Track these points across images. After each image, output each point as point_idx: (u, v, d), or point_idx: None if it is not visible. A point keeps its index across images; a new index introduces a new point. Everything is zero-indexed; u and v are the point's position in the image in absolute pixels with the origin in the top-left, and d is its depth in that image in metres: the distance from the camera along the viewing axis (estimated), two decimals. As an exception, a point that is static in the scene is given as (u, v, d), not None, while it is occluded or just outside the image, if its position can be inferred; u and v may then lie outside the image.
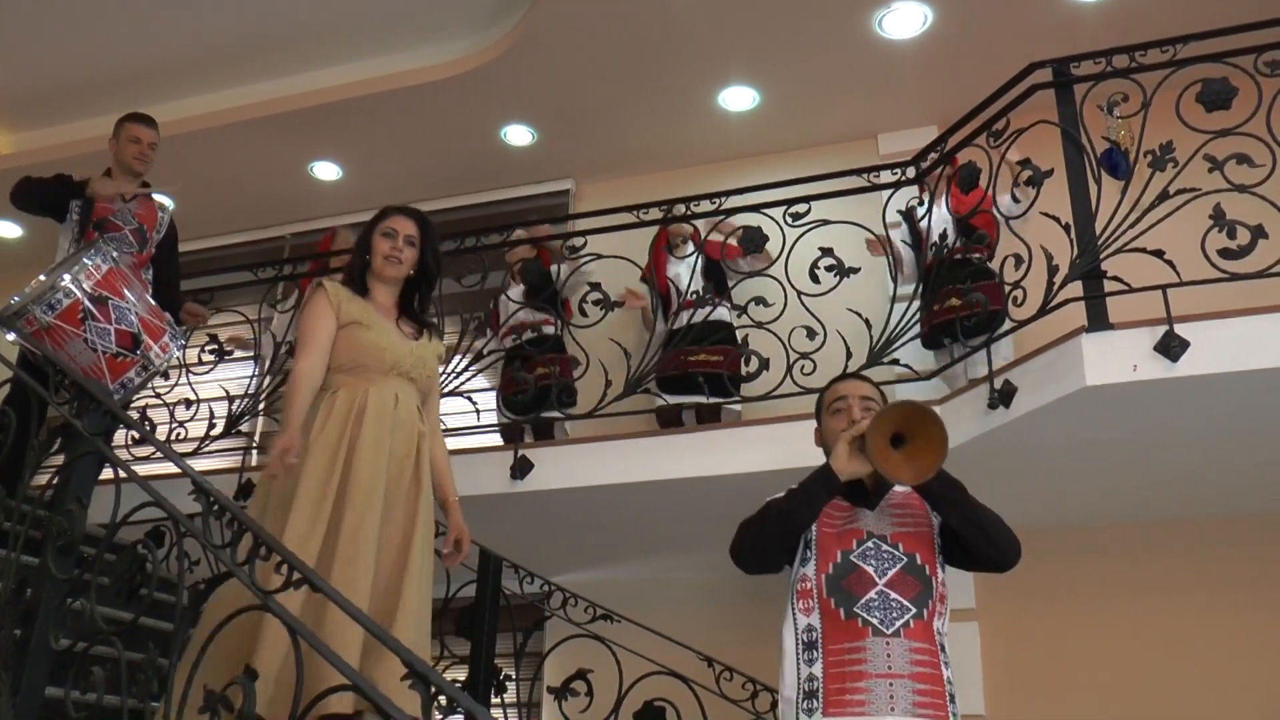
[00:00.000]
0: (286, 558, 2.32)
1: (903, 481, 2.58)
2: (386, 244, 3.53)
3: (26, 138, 8.00)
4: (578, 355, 5.09)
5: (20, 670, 2.83)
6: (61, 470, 3.11)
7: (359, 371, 3.39)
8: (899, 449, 2.56)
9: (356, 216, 8.03)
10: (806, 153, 7.10)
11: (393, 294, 3.59)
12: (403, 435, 3.36)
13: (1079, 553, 5.24)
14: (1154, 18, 5.73)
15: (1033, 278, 4.25)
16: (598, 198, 7.37)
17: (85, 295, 3.94)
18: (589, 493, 4.85)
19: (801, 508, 2.72)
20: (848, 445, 2.68)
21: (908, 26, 6.16)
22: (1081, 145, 4.23)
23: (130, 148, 5.05)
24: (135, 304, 4.09)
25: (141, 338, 4.07)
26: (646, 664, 4.45)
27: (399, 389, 3.41)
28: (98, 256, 4.08)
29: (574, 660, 4.42)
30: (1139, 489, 4.88)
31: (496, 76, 6.66)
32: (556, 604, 4.67)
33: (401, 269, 3.54)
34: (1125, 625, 5.21)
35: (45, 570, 2.91)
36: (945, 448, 2.53)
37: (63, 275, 3.98)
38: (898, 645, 2.60)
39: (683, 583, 6.02)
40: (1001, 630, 5.21)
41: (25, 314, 3.83)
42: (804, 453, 4.46)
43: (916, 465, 2.55)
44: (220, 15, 6.77)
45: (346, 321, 3.43)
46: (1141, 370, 3.84)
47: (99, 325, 3.98)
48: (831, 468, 2.69)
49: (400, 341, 3.48)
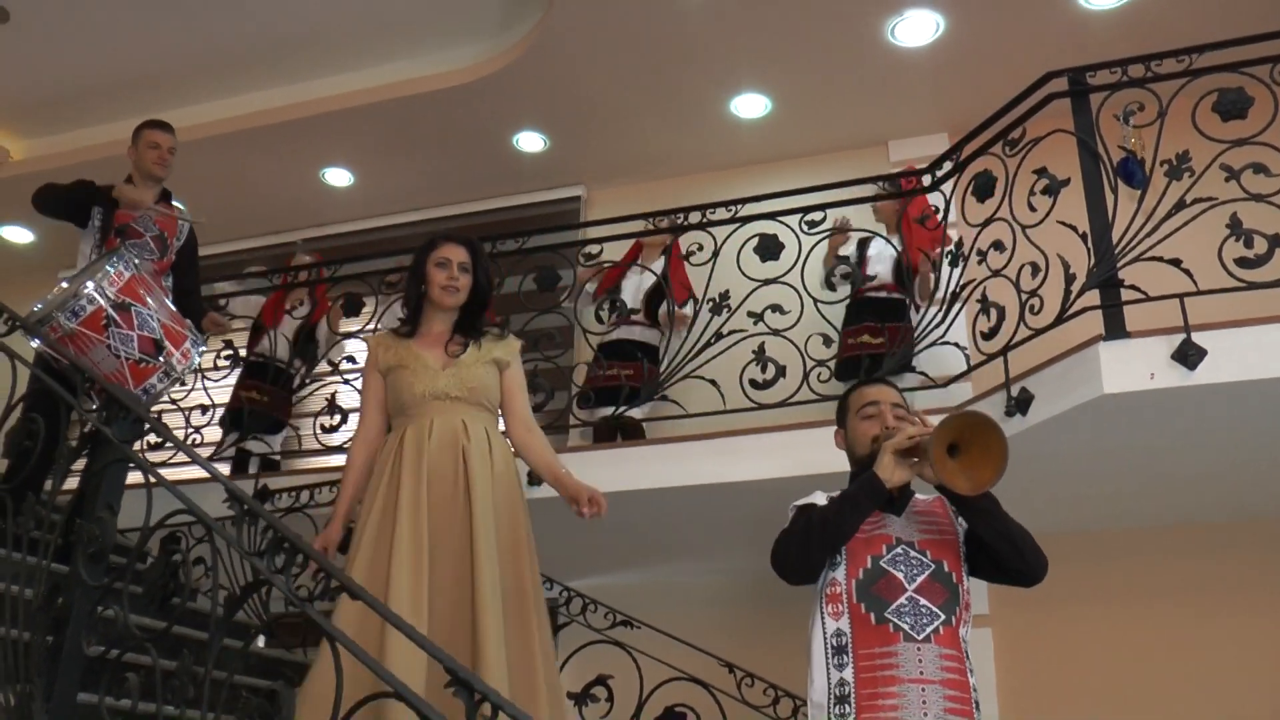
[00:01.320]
0: (324, 566, 2.34)
1: (959, 491, 2.58)
2: (442, 274, 3.59)
3: (39, 144, 8.02)
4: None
5: (53, 676, 2.86)
6: (90, 477, 3.13)
7: (403, 411, 3.52)
8: (954, 458, 2.57)
9: (368, 222, 8.13)
10: (817, 159, 7.15)
11: (449, 319, 3.65)
12: (444, 459, 3.39)
13: (1092, 558, 5.26)
14: (1166, 26, 5.76)
15: (1047, 286, 4.28)
16: (609, 204, 7.41)
17: (108, 302, 3.96)
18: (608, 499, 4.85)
19: (848, 516, 2.72)
20: (893, 454, 2.69)
21: (920, 34, 6.19)
22: (1098, 154, 4.26)
23: (150, 153, 5.07)
24: (157, 310, 4.12)
25: (164, 344, 4.10)
26: (666, 670, 4.47)
27: (435, 414, 3.46)
28: (120, 263, 4.10)
29: (592, 666, 4.44)
30: (1154, 494, 4.91)
31: (509, 83, 6.68)
32: (576, 609, 4.69)
33: (459, 297, 3.61)
34: (1139, 630, 5.23)
35: (76, 577, 2.93)
36: (1005, 460, 2.53)
37: (86, 282, 4.00)
38: (929, 651, 2.62)
39: (696, 587, 6.04)
40: (1015, 636, 5.22)
41: (49, 320, 3.85)
42: (820, 459, 4.51)
43: (974, 475, 2.55)
44: (233, 22, 6.80)
45: (387, 369, 3.58)
46: (1159, 378, 3.86)
47: (122, 332, 4.01)
48: (878, 476, 2.70)
49: (434, 369, 3.53)
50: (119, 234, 4.91)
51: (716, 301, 4.96)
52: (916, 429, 2.70)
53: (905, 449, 2.69)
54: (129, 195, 4.93)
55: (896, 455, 2.69)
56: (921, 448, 2.64)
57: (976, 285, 4.55)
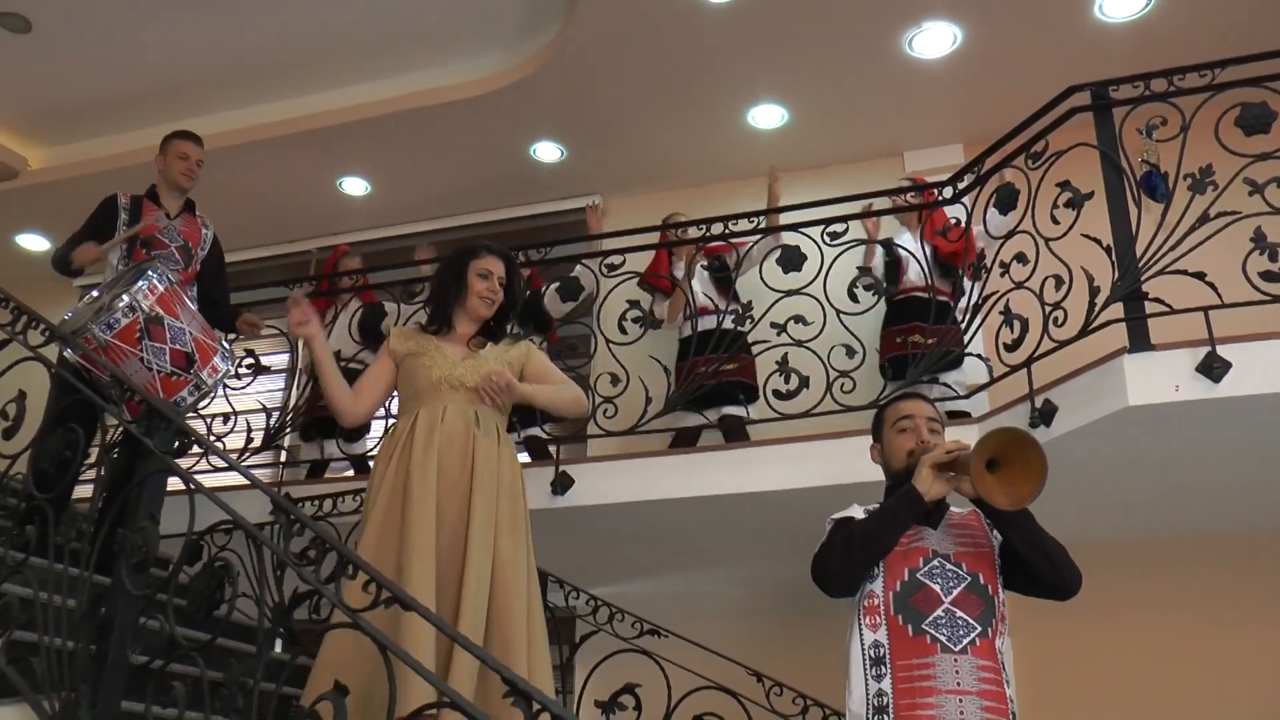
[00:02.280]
0: (375, 577, 2.37)
1: (999, 506, 2.61)
2: (483, 285, 3.67)
3: (57, 153, 8.04)
4: (617, 373, 5.13)
5: (98, 683, 2.89)
6: (132, 488, 3.16)
7: (416, 397, 3.55)
8: (993, 473, 2.60)
9: (383, 231, 8.14)
10: (833, 170, 7.18)
11: (474, 327, 3.73)
12: (454, 444, 3.43)
13: (1112, 567, 5.27)
14: (1185, 40, 5.79)
15: (1070, 299, 4.32)
16: (624, 213, 7.43)
17: (143, 315, 4.00)
18: (628, 508, 4.90)
19: (889, 529, 2.77)
20: (931, 468, 2.73)
21: (937, 46, 6.21)
22: (1121, 168, 4.30)
23: (178, 164, 5.11)
24: (189, 324, 4.15)
25: (195, 358, 4.14)
26: (694, 679, 4.50)
27: (449, 402, 3.50)
28: (155, 276, 4.14)
29: (620, 675, 4.46)
30: (1175, 505, 4.94)
31: (528, 94, 6.71)
32: (603, 618, 4.72)
33: (494, 309, 3.70)
34: (1159, 640, 5.27)
35: (120, 586, 2.97)
36: (1044, 476, 2.56)
37: (122, 295, 4.04)
38: (965, 662, 2.66)
39: (721, 596, 6.08)
40: (1034, 645, 5.24)
41: (85, 332, 3.88)
42: (843, 469, 4.57)
43: (1014, 490, 2.58)
44: (252, 32, 6.83)
45: (403, 355, 3.63)
46: (1183, 390, 3.90)
47: (155, 345, 4.04)
48: (916, 489, 2.73)
49: (452, 359, 3.57)
50: (144, 245, 4.94)
51: (740, 312, 4.99)
52: (954, 443, 2.75)
53: (943, 463, 2.72)
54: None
55: (934, 469, 2.73)
56: (960, 462, 2.68)
57: (999, 297, 4.58)
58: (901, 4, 5.90)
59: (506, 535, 3.37)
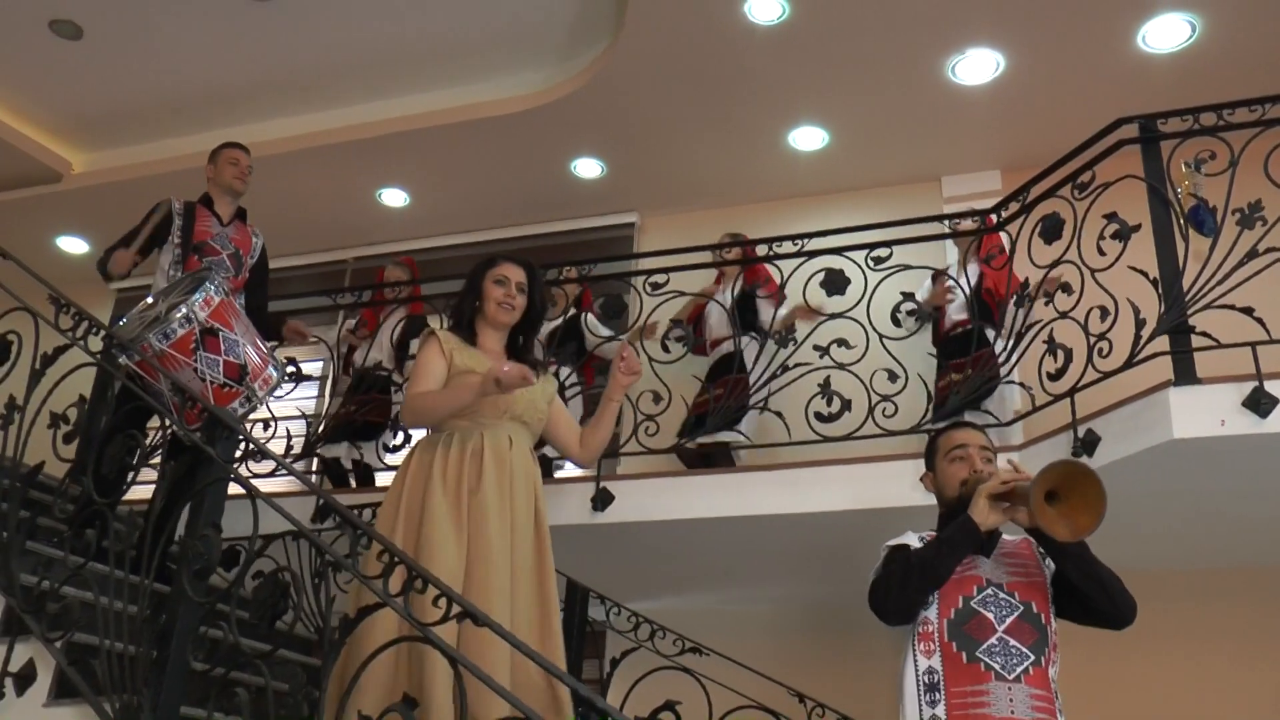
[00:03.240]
0: (445, 592, 2.41)
1: (1059, 537, 2.64)
2: (500, 291, 3.66)
3: (100, 157, 8.16)
4: (660, 390, 5.17)
5: (158, 688, 2.94)
6: (193, 496, 3.20)
7: (474, 417, 3.51)
8: (1052, 505, 2.63)
9: (419, 243, 8.18)
10: (870, 193, 7.22)
11: (501, 339, 3.72)
12: (522, 483, 3.46)
13: (1147, 598, 5.24)
14: (1229, 72, 5.85)
15: (1115, 330, 4.34)
16: (662, 231, 7.50)
17: (200, 326, 4.04)
18: (667, 526, 4.92)
19: (947, 559, 2.80)
20: (988, 498, 2.76)
21: (980, 73, 6.26)
22: (1168, 201, 4.32)
23: (229, 169, 5.16)
24: (243, 336, 4.20)
25: (247, 370, 4.18)
26: (735, 697, 4.53)
27: (512, 432, 3.52)
28: (212, 287, 4.18)
29: (661, 692, 4.48)
30: (1216, 537, 4.95)
31: (570, 110, 6.78)
32: (644, 635, 4.75)
33: (514, 315, 3.68)
34: (1194, 671, 5.27)
35: (181, 593, 3.01)
36: (1104, 508, 2.59)
37: (180, 306, 4.08)
38: (1019, 691, 2.69)
39: (762, 615, 6.11)
40: (1067, 673, 5.24)
41: (141, 340, 3.93)
42: (883, 493, 4.61)
43: (1073, 522, 2.62)
44: (297, 42, 6.92)
45: (460, 370, 3.57)
46: (1230, 425, 3.91)
47: (209, 356, 4.08)
48: (973, 519, 2.76)
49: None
50: (196, 251, 5.00)
51: (783, 335, 5.02)
52: (1010, 473, 2.78)
53: (999, 493, 2.76)
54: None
55: (991, 499, 2.76)
56: (1017, 493, 2.71)
57: (1043, 326, 4.60)
58: (947, 30, 5.95)
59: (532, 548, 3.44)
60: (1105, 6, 5.73)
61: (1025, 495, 2.67)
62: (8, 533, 3.52)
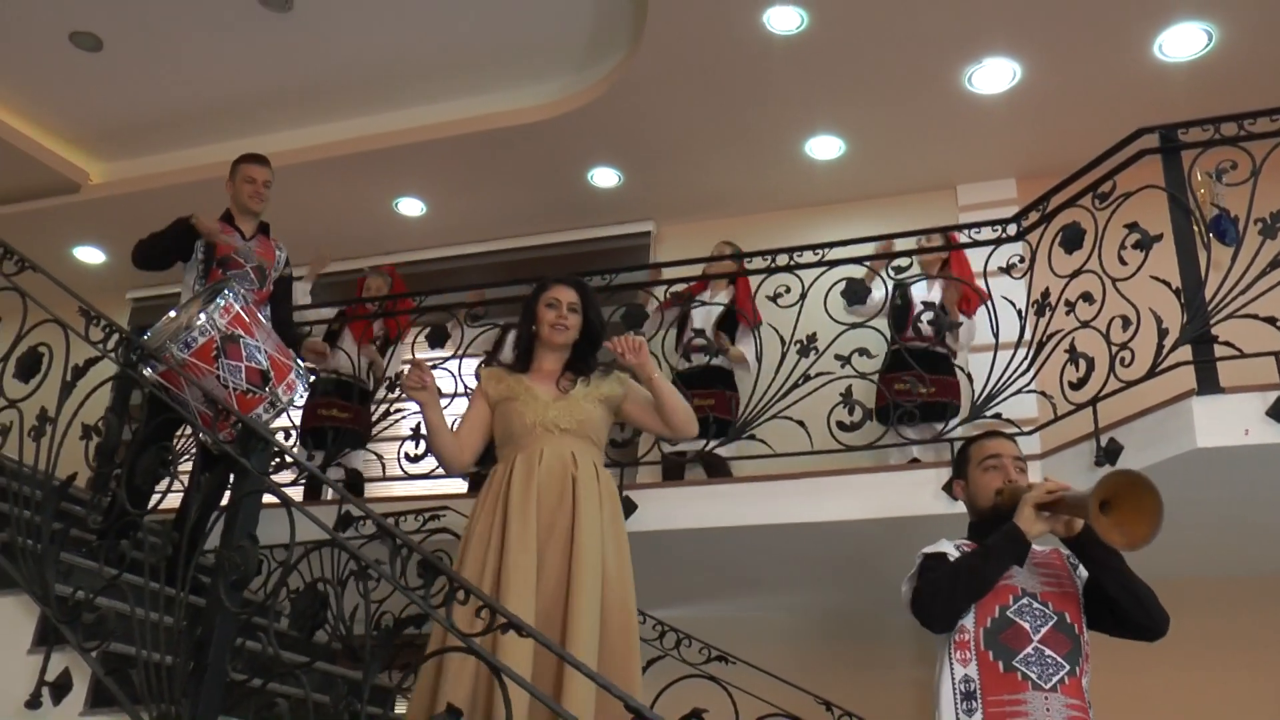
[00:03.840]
0: (488, 602, 2.44)
1: (1116, 546, 2.66)
2: (551, 314, 3.70)
3: (118, 167, 8.20)
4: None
5: (197, 698, 2.96)
6: (228, 507, 3.23)
7: (511, 441, 3.59)
8: (1106, 514, 2.65)
9: (435, 252, 8.23)
10: (885, 202, 7.26)
11: (560, 358, 3.74)
12: (552, 484, 3.46)
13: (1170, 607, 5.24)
14: (1245, 81, 5.87)
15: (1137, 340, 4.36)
16: (678, 239, 7.53)
17: (219, 333, 4.08)
18: (689, 535, 4.95)
19: (994, 567, 2.82)
20: (1034, 507, 2.78)
21: (996, 82, 6.29)
22: (1189, 210, 4.34)
23: (245, 188, 5.15)
24: (264, 342, 4.23)
25: (270, 375, 4.22)
26: (762, 705, 4.55)
27: (545, 445, 3.53)
28: (230, 295, 4.22)
29: (686, 701, 4.49)
30: (1237, 546, 4.98)
31: (588, 120, 6.82)
32: (670, 644, 4.77)
33: (569, 334, 3.71)
34: (1215, 680, 5.28)
35: (218, 604, 3.04)
36: (1161, 519, 2.61)
37: (199, 315, 4.12)
38: (1055, 700, 2.71)
39: (778, 622, 6.13)
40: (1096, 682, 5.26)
41: (164, 350, 3.96)
42: (904, 502, 4.64)
43: (1129, 531, 2.63)
44: (314, 54, 6.96)
45: (497, 400, 3.66)
46: (1253, 434, 3.94)
47: (231, 363, 4.12)
48: (1019, 528, 2.78)
49: (544, 400, 3.60)
50: (221, 265, 5.02)
51: (804, 343, 5.04)
52: (1054, 484, 2.80)
53: (1044, 503, 2.78)
54: (206, 226, 4.99)
55: (1036, 509, 2.78)
56: (1063, 503, 2.73)
57: (1064, 336, 4.62)
58: (964, 40, 5.98)
59: (614, 566, 3.42)
60: (1122, 16, 5.75)
61: (1072, 505, 2.69)
62: (41, 544, 3.55)
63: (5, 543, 3.71)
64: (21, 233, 8.10)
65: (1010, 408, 4.94)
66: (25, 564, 3.55)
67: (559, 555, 3.37)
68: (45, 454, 3.71)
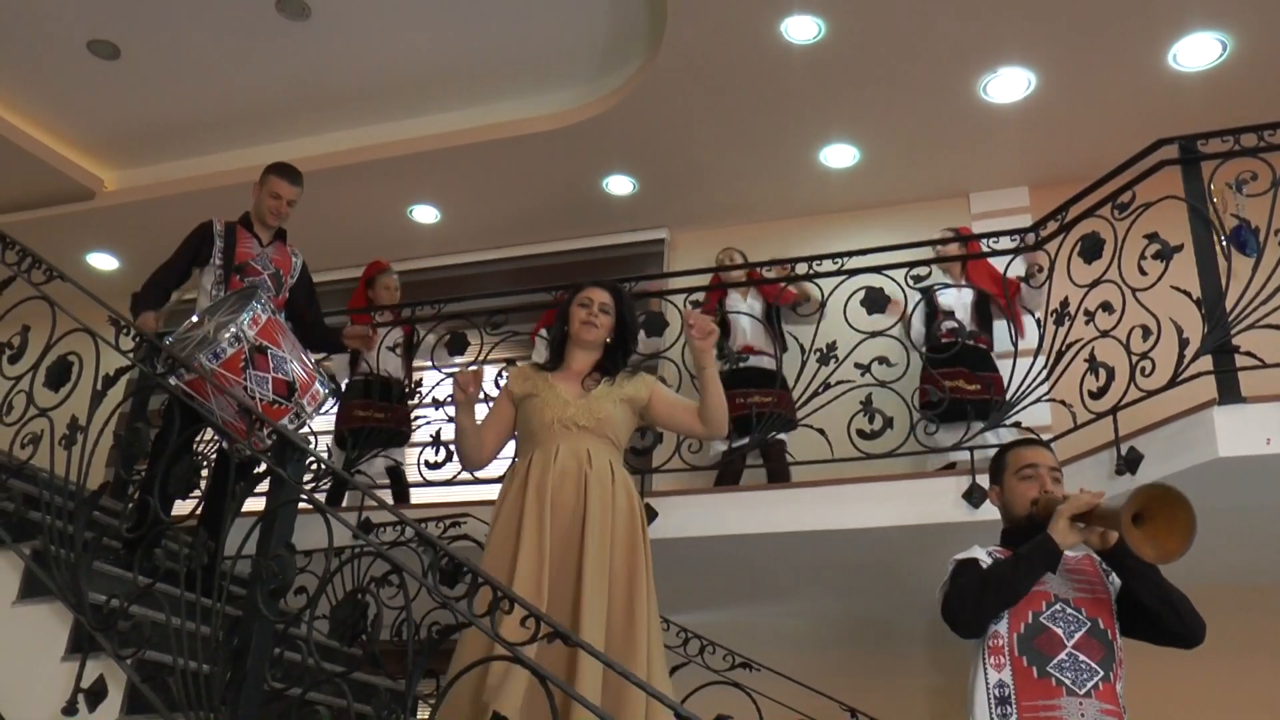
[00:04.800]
0: (534, 612, 2.46)
1: (1145, 558, 2.68)
2: (582, 312, 3.79)
3: (132, 175, 8.23)
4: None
5: (235, 706, 2.99)
6: (264, 516, 3.25)
7: (531, 438, 3.66)
8: (1139, 527, 2.67)
9: (450, 259, 8.26)
10: (898, 209, 7.30)
11: (591, 358, 3.81)
12: (566, 482, 3.51)
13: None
14: (1260, 90, 5.92)
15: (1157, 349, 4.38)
16: (692, 247, 7.57)
17: (249, 344, 4.11)
18: (711, 542, 4.97)
19: (1025, 577, 2.85)
20: (1068, 519, 2.81)
21: (1011, 91, 6.33)
22: (1210, 221, 4.37)
23: (269, 202, 5.15)
24: (290, 353, 4.26)
25: (296, 386, 4.24)
26: (786, 712, 4.57)
27: (562, 442, 3.58)
28: (258, 305, 4.25)
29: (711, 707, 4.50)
30: (1257, 553, 5.00)
31: (604, 128, 6.85)
32: (694, 650, 4.79)
33: (598, 333, 3.78)
34: (1239, 686, 5.30)
35: (255, 612, 3.06)
36: (1193, 533, 2.63)
37: (229, 325, 4.14)
38: (1090, 706, 2.74)
39: (798, 629, 6.15)
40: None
41: (192, 360, 3.99)
42: (924, 509, 4.66)
43: (1161, 544, 2.65)
44: (330, 62, 7.00)
45: (521, 397, 3.75)
46: (1275, 443, 3.96)
47: (258, 374, 4.15)
48: (1052, 539, 2.81)
49: (565, 399, 3.66)
50: (238, 271, 5.04)
51: (824, 352, 5.07)
52: (1089, 495, 2.82)
53: (1079, 514, 2.80)
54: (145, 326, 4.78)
55: (1068, 521, 2.80)
56: (1096, 514, 2.76)
57: (1084, 345, 4.65)
58: (980, 50, 6.02)
59: (623, 562, 3.45)
60: (1137, 26, 5.79)
61: (1105, 517, 2.72)
62: (74, 553, 3.57)
63: (38, 551, 3.73)
64: (36, 239, 8.04)
65: (1028, 416, 4.97)
66: (59, 572, 3.57)
67: (574, 561, 3.41)
68: (76, 463, 3.74)
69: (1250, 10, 5.64)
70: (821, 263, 5.25)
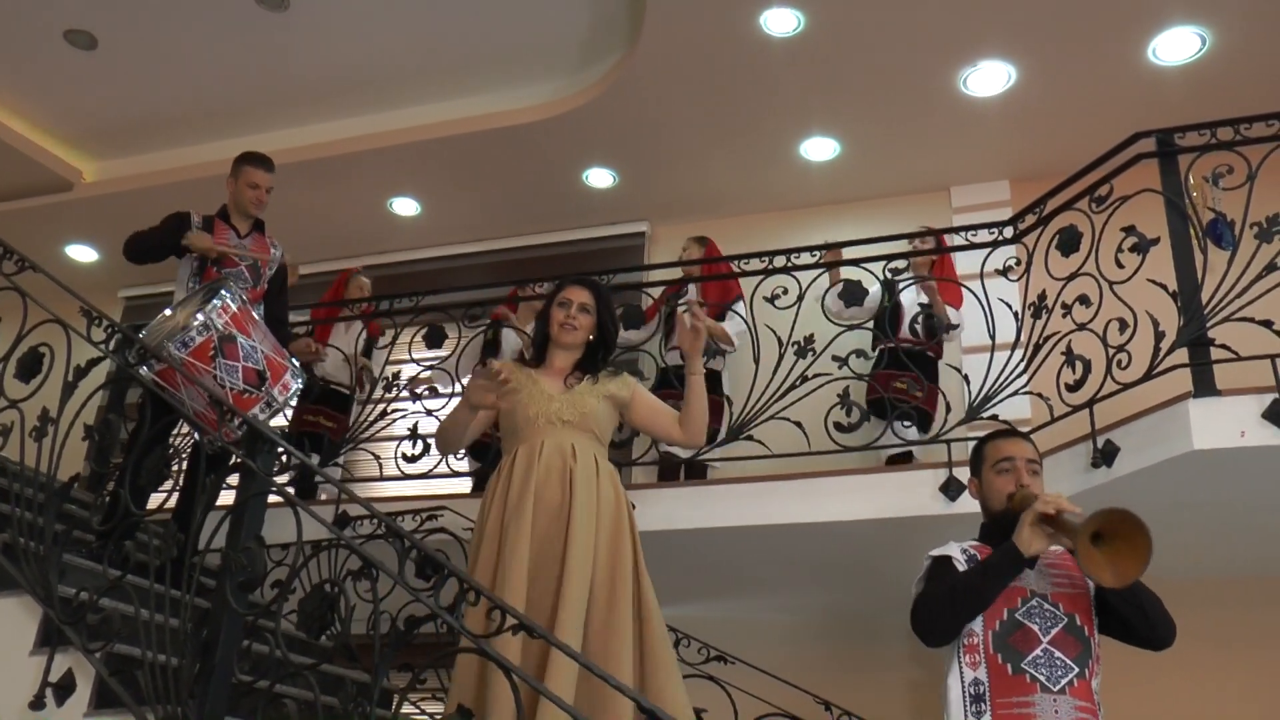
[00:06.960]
0: (499, 604, 2.45)
1: (1103, 582, 2.63)
2: (561, 313, 3.77)
3: (111, 166, 8.17)
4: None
5: (204, 699, 2.97)
6: (234, 508, 3.23)
7: (515, 433, 3.65)
8: (1098, 546, 2.62)
9: (430, 252, 8.24)
10: (879, 203, 7.29)
11: (572, 357, 3.79)
12: (551, 477, 3.49)
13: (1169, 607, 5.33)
14: (1239, 85, 5.92)
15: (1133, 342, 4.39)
16: (673, 240, 7.52)
17: (217, 333, 4.08)
18: (687, 535, 4.96)
19: (992, 586, 2.82)
20: (1031, 526, 2.78)
21: (991, 84, 6.32)
22: (1186, 215, 4.37)
23: (248, 193, 5.11)
24: (260, 342, 4.24)
25: (266, 375, 4.22)
26: (761, 705, 4.56)
27: (546, 436, 3.57)
28: (228, 295, 4.22)
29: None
30: (1233, 546, 5.00)
31: (584, 121, 6.83)
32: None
33: (578, 334, 3.77)
34: (1214, 679, 5.32)
35: (224, 605, 3.04)
36: (1149, 557, 2.59)
37: (197, 314, 4.12)
38: (1064, 702, 2.72)
39: (773, 623, 6.15)
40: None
41: (161, 350, 3.96)
42: (901, 502, 4.65)
43: (1119, 568, 2.60)
44: (309, 53, 6.95)
45: (504, 393, 3.67)
46: (1250, 436, 3.96)
47: (228, 363, 4.12)
48: (1018, 548, 2.78)
49: (549, 394, 3.65)
50: (216, 263, 5.01)
51: (801, 345, 5.06)
52: (1055, 499, 2.78)
53: (1045, 518, 2.77)
54: (199, 244, 4.98)
55: (1035, 525, 2.77)
56: (1060, 522, 2.72)
57: (1061, 338, 4.65)
58: (960, 43, 6.02)
59: (605, 558, 3.42)
60: (1116, 19, 5.79)
61: (1067, 529, 2.68)
62: (44, 545, 3.54)
63: (7, 544, 3.70)
64: (14, 231, 8.03)
65: (1005, 409, 4.97)
66: (28, 565, 3.54)
67: (558, 550, 3.39)
68: (47, 455, 3.71)
69: (1229, 5, 5.64)
70: (799, 255, 5.24)
